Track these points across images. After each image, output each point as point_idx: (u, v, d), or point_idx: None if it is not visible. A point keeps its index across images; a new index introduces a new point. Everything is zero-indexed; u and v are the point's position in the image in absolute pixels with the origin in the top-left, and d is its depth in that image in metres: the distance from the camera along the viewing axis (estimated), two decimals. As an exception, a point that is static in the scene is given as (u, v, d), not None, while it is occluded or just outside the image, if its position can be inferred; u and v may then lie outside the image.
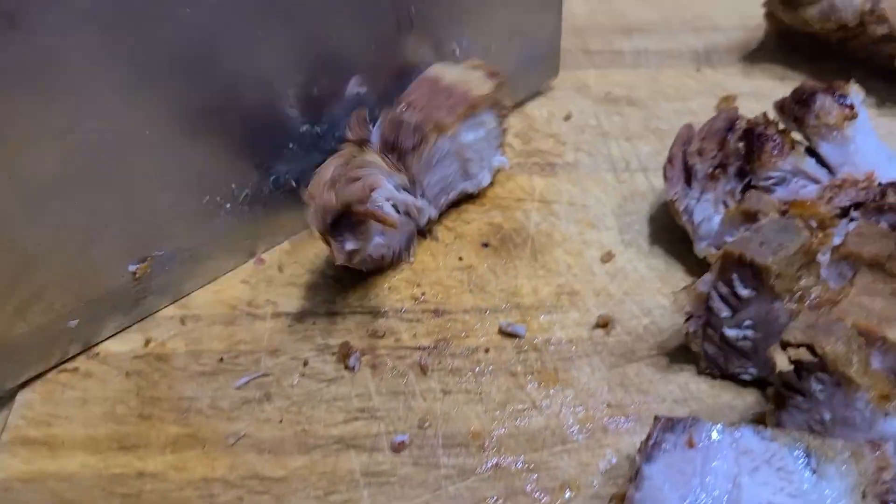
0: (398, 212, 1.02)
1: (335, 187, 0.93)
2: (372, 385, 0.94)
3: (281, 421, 0.91)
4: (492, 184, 1.14)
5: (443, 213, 1.11)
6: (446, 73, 1.07)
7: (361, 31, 1.02)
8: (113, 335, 1.00)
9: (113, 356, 0.98)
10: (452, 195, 1.10)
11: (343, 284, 1.04)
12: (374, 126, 1.03)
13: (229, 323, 1.01)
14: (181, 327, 1.01)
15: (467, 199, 1.13)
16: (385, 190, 0.98)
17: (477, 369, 0.95)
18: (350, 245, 0.94)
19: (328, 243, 0.95)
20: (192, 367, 0.97)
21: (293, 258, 1.08)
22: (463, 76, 1.06)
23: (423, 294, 1.02)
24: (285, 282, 1.05)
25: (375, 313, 1.01)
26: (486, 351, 0.96)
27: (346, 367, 0.96)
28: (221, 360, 0.97)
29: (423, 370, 0.95)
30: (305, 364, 0.96)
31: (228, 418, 0.92)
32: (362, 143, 1.00)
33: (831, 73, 1.26)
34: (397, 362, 0.96)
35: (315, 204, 0.93)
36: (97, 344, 0.99)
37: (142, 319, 1.01)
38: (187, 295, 1.04)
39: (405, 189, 1.02)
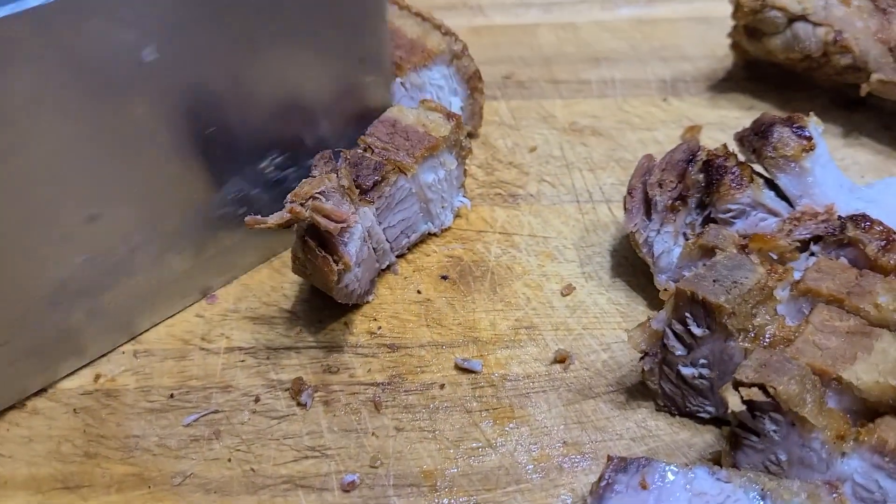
0: (373, 248, 1.01)
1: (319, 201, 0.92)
2: (324, 422, 0.92)
3: (230, 460, 0.89)
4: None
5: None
6: (404, 115, 1.07)
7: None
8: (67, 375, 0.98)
9: (62, 392, 0.96)
10: (414, 237, 1.09)
11: (298, 318, 1.02)
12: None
13: (181, 357, 0.99)
14: (133, 361, 0.99)
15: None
16: (367, 219, 0.97)
17: (431, 406, 0.93)
18: (340, 265, 0.92)
19: (324, 258, 0.92)
20: (142, 404, 0.94)
21: (250, 291, 1.06)
22: (421, 118, 1.06)
23: (379, 328, 1.00)
24: (240, 316, 1.03)
25: (330, 348, 0.99)
26: (442, 387, 0.94)
27: (299, 404, 0.94)
28: (172, 396, 0.95)
29: (377, 407, 0.93)
30: (257, 400, 0.94)
31: (176, 457, 0.89)
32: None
33: (798, 103, 1.26)
34: (351, 398, 0.94)
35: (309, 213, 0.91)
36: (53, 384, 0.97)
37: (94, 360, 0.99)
38: (140, 334, 1.02)
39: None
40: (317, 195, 0.92)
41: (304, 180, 0.95)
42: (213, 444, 0.90)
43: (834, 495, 0.74)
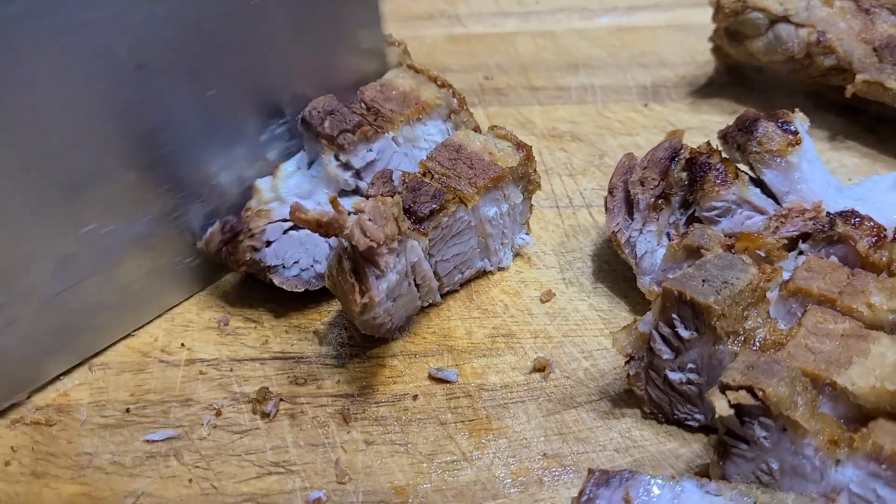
0: (415, 283, 0.93)
1: (368, 224, 0.83)
2: (289, 436, 0.86)
3: (189, 480, 0.83)
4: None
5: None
6: (470, 140, 0.99)
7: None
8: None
9: (10, 408, 0.90)
10: (468, 273, 1.00)
11: (265, 329, 0.97)
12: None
13: (139, 370, 0.93)
14: (88, 375, 0.93)
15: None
16: (413, 253, 0.89)
17: (403, 418, 0.87)
18: (366, 296, 0.83)
19: (350, 284, 0.84)
20: (95, 420, 0.89)
21: (213, 300, 1.01)
22: (488, 145, 0.98)
23: (349, 338, 0.95)
24: (203, 326, 0.98)
25: (297, 359, 0.94)
26: (415, 398, 0.89)
27: (263, 414, 0.88)
28: (128, 410, 0.89)
29: (346, 419, 0.88)
30: (218, 414, 0.89)
31: (130, 475, 0.84)
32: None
33: (781, 107, 1.21)
34: (318, 411, 0.88)
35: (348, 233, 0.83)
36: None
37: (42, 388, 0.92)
38: (98, 353, 0.96)
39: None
40: (365, 213, 0.83)
41: (357, 199, 0.88)
42: (171, 462, 0.85)
43: (831, 508, 0.70)
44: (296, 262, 0.97)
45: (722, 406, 0.72)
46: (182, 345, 0.96)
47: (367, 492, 0.81)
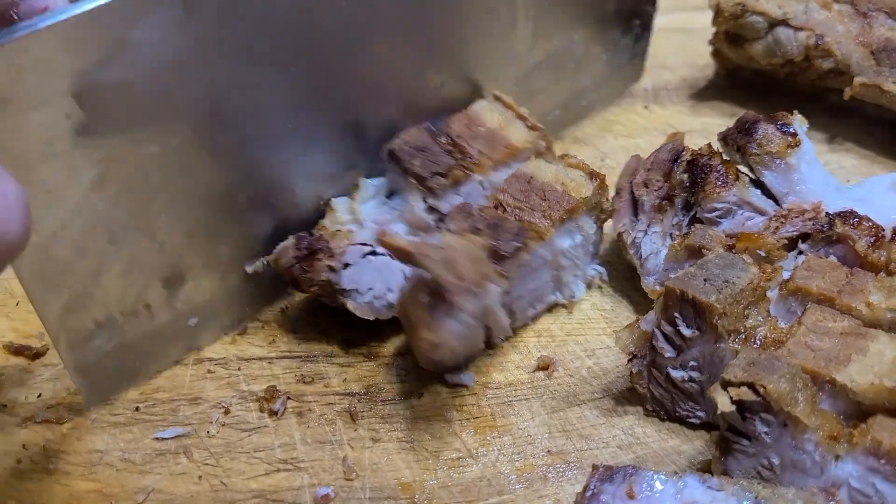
0: (487, 326, 0.91)
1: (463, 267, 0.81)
2: (297, 434, 0.88)
3: (199, 476, 0.84)
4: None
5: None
6: (542, 171, 0.96)
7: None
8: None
9: (21, 406, 0.91)
10: (540, 308, 0.98)
11: (272, 328, 0.98)
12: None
13: (149, 369, 0.95)
14: (97, 375, 0.94)
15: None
16: (490, 297, 0.87)
17: (409, 416, 0.89)
18: (437, 334, 0.82)
19: (423, 317, 0.82)
20: (106, 418, 0.90)
21: (221, 300, 1.02)
22: (560, 175, 0.96)
23: (356, 337, 0.97)
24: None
25: (304, 358, 0.95)
26: (420, 396, 0.91)
27: (271, 412, 0.89)
28: (137, 409, 0.91)
29: (353, 417, 0.89)
30: (227, 412, 0.90)
31: (140, 472, 0.85)
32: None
33: (780, 109, 1.23)
34: (325, 409, 0.90)
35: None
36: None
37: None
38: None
39: None
40: (457, 250, 0.82)
41: (449, 236, 0.84)
42: (180, 459, 0.86)
43: (831, 502, 0.71)
44: (370, 289, 0.93)
45: (724, 402, 0.73)
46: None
47: (374, 488, 0.83)
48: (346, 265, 0.92)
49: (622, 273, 1.02)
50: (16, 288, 1.03)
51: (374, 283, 0.93)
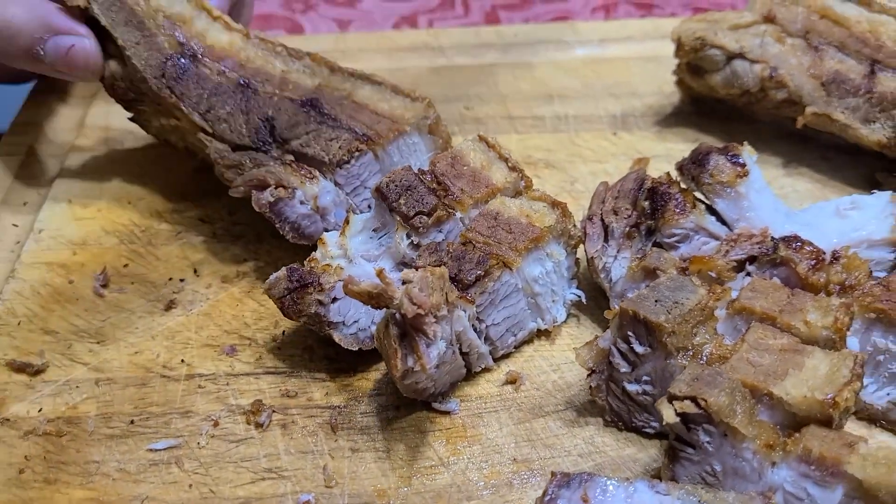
0: (461, 351, 0.96)
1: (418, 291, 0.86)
2: (281, 444, 0.94)
3: (189, 485, 0.91)
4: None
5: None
6: (507, 206, 1.02)
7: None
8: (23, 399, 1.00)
9: (23, 420, 0.97)
10: (521, 335, 1.03)
11: (259, 345, 1.05)
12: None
13: (143, 385, 1.01)
14: (94, 389, 1.01)
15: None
16: (459, 323, 0.93)
17: (386, 427, 0.95)
18: (411, 361, 0.87)
19: (394, 349, 0.87)
20: (102, 430, 0.96)
21: (210, 320, 1.08)
22: (525, 208, 1.02)
23: (337, 353, 1.03)
24: (201, 343, 1.05)
25: (289, 374, 1.02)
26: (397, 409, 0.97)
27: (257, 425, 0.96)
28: (132, 422, 0.97)
29: (334, 429, 0.96)
30: (216, 425, 0.96)
31: (135, 481, 0.91)
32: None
33: (741, 135, 1.31)
34: (308, 421, 0.96)
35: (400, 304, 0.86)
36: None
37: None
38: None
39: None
40: (413, 283, 0.86)
41: (408, 271, 0.89)
42: (172, 469, 0.92)
43: (768, 505, 0.78)
44: (355, 322, 1.00)
45: (669, 414, 0.80)
46: (182, 361, 1.03)
47: (352, 494, 0.89)
48: (335, 299, 0.98)
49: (587, 293, 1.08)
50: (17, 308, 1.10)
51: (359, 317, 1.00)
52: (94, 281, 1.13)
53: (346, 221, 1.04)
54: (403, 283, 0.87)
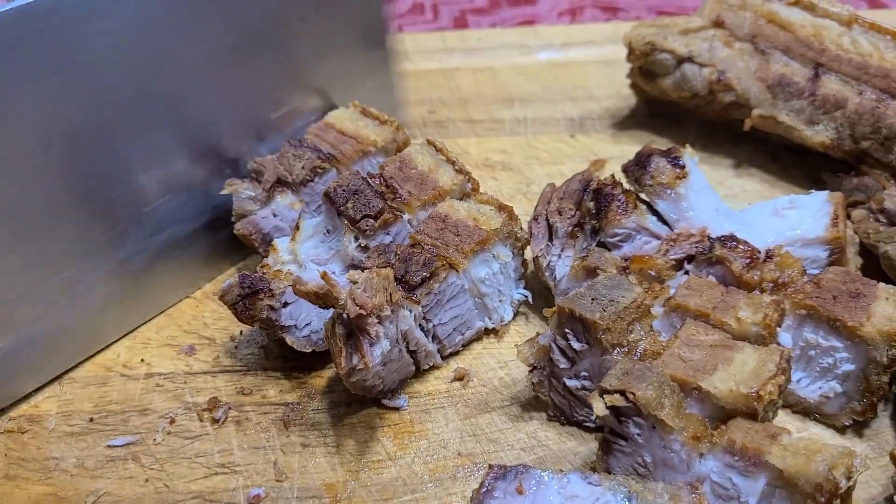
0: (409, 349, 0.99)
1: (359, 292, 0.89)
2: (234, 440, 0.97)
3: (145, 479, 0.94)
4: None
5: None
6: (455, 210, 1.04)
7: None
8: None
9: (-13, 418, 1.01)
10: (468, 334, 1.05)
11: (216, 345, 1.08)
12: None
13: (103, 384, 1.04)
14: (56, 389, 1.04)
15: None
16: (404, 322, 0.95)
17: (337, 423, 0.98)
18: (356, 359, 0.89)
19: (339, 348, 0.90)
20: (62, 428, 0.99)
21: (171, 321, 1.11)
22: (472, 211, 1.04)
23: (293, 353, 1.06)
24: (161, 343, 1.09)
25: (245, 372, 1.05)
26: (348, 405, 1.00)
27: (213, 422, 0.99)
28: (91, 420, 1.00)
29: (286, 425, 0.99)
30: (172, 422, 0.99)
31: (92, 477, 0.94)
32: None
33: (694, 137, 1.35)
34: (261, 418, 0.99)
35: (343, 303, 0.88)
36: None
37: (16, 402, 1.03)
38: (64, 374, 1.06)
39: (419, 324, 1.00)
40: (358, 284, 0.89)
41: (353, 272, 0.92)
42: (129, 464, 0.95)
43: (694, 495, 0.80)
44: (308, 325, 1.02)
45: (599, 407, 0.83)
46: (142, 360, 1.06)
47: (301, 488, 0.92)
48: (286, 304, 1.01)
49: (535, 292, 1.11)
50: (-17, 310, 1.13)
51: (311, 319, 1.03)
52: (58, 283, 1.16)
53: (297, 227, 1.07)
54: (352, 283, 0.90)
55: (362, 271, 0.92)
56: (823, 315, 0.93)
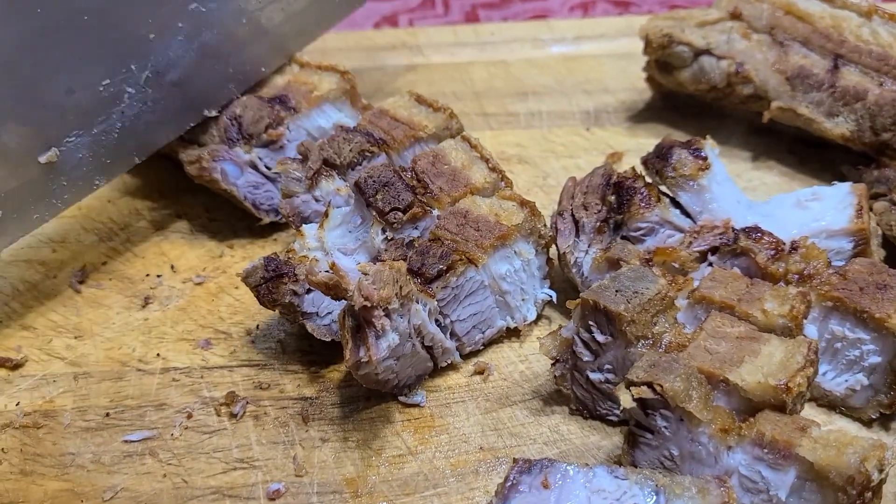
0: (423, 345, 0.97)
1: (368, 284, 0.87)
2: (253, 435, 0.96)
3: (163, 475, 0.93)
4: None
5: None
6: (477, 205, 1.03)
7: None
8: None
9: (1, 413, 0.99)
10: (489, 333, 1.04)
11: (233, 339, 1.07)
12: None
13: (118, 378, 1.03)
14: (71, 384, 1.02)
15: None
16: (417, 317, 0.94)
17: (356, 418, 0.97)
18: (362, 352, 0.88)
19: (346, 341, 0.89)
20: (78, 423, 0.98)
21: (186, 315, 1.10)
22: (494, 207, 1.03)
23: (310, 346, 1.05)
24: (177, 337, 1.07)
25: (262, 367, 1.04)
26: (367, 400, 0.99)
27: (231, 415, 0.98)
28: (107, 415, 0.99)
29: (305, 420, 0.97)
30: (189, 417, 0.98)
31: (109, 472, 0.93)
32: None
33: (711, 130, 1.32)
34: (280, 413, 0.98)
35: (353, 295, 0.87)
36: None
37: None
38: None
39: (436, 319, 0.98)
40: (367, 276, 0.88)
41: (364, 263, 0.91)
42: (146, 460, 0.94)
43: (722, 489, 0.79)
44: (329, 314, 1.01)
45: (626, 399, 0.82)
46: (157, 355, 1.05)
47: (321, 483, 0.91)
48: (309, 290, 0.99)
49: (556, 286, 1.10)
50: (-4, 305, 1.12)
51: (332, 308, 1.01)
52: (72, 277, 1.15)
53: (326, 214, 1.06)
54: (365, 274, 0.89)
55: (375, 263, 0.91)
56: (850, 307, 0.92)
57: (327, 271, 0.92)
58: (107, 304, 1.12)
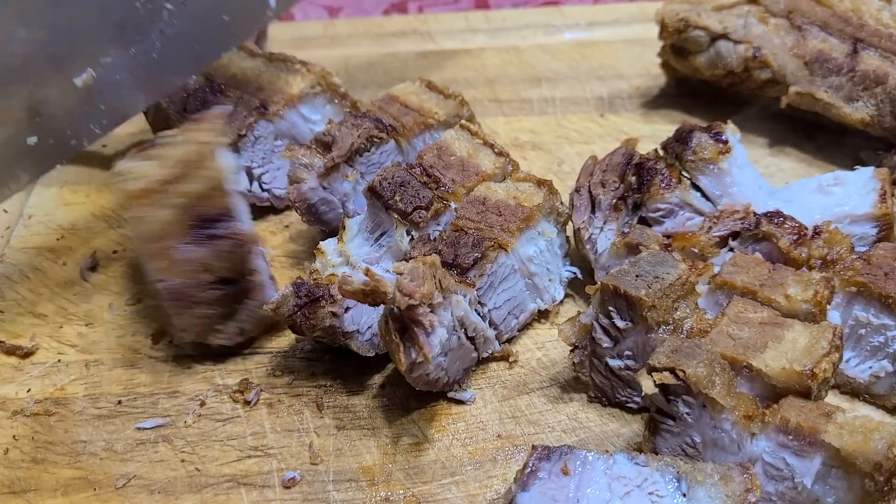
0: (467, 336, 0.95)
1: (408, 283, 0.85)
2: (267, 423, 0.95)
3: (182, 461, 0.91)
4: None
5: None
6: (493, 191, 1.02)
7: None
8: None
9: (11, 401, 0.98)
10: (523, 317, 1.02)
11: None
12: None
13: (131, 366, 1.02)
14: (83, 371, 1.01)
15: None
16: (459, 308, 0.92)
17: (372, 405, 0.96)
18: (414, 353, 0.86)
19: (395, 344, 0.87)
20: (90, 411, 0.97)
21: (198, 301, 1.09)
22: (511, 190, 1.02)
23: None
24: (189, 324, 1.06)
25: (276, 354, 1.02)
26: (383, 387, 0.98)
27: (245, 403, 0.97)
28: (119, 402, 0.98)
29: (319, 407, 0.96)
30: (203, 404, 0.97)
31: (122, 460, 0.92)
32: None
33: (727, 116, 1.30)
34: (294, 400, 0.97)
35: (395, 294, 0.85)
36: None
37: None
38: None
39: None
40: (404, 274, 0.86)
41: (398, 263, 0.89)
42: (159, 447, 0.93)
43: (745, 475, 0.78)
44: (369, 328, 0.98)
45: (648, 385, 0.81)
46: (170, 342, 1.04)
47: (337, 471, 0.90)
48: (347, 308, 0.96)
49: (584, 269, 1.08)
50: (7, 292, 1.11)
51: (371, 322, 0.98)
52: (81, 264, 1.14)
53: (343, 227, 1.03)
54: (398, 275, 0.86)
55: (406, 262, 0.89)
56: (874, 292, 0.90)
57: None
58: (118, 291, 1.11)
